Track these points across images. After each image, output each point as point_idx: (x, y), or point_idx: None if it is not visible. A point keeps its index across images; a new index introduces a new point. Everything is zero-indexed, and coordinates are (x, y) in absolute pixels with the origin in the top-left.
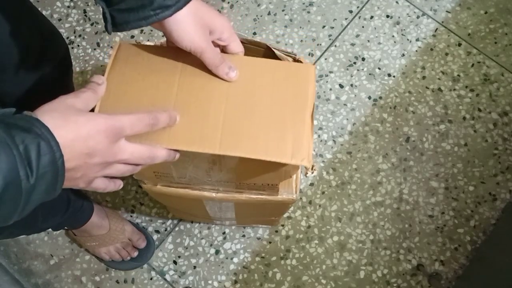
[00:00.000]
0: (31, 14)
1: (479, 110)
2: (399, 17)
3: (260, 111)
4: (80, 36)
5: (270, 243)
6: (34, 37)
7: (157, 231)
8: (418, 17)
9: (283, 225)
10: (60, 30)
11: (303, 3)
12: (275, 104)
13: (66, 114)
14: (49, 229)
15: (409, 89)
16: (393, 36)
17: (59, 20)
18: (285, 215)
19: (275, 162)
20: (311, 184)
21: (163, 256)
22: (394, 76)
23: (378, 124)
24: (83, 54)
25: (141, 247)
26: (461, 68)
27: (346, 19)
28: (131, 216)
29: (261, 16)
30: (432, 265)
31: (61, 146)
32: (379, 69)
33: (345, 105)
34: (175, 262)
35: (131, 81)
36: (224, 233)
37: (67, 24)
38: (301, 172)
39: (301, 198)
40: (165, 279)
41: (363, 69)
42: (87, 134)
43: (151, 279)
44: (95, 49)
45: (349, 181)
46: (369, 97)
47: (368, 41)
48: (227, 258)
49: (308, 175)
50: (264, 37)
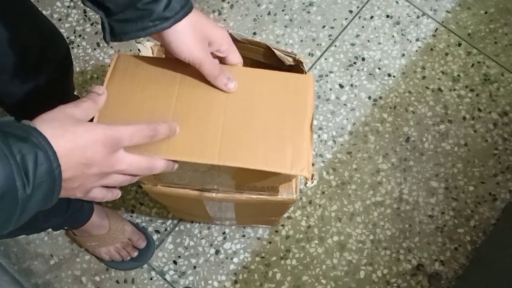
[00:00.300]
0: (31, 14)
1: (479, 110)
2: (399, 17)
3: (259, 122)
4: (80, 36)
5: (270, 243)
6: (34, 37)
7: (157, 231)
8: (418, 17)
9: (283, 225)
10: (60, 30)
11: (303, 3)
12: (274, 114)
13: (64, 124)
14: (49, 229)
15: (409, 89)
16: (393, 36)
17: (59, 20)
18: (285, 215)
19: (275, 172)
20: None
21: (163, 256)
22: (394, 76)
23: (378, 124)
24: (83, 54)
25: (141, 247)
26: (461, 68)
27: (346, 19)
28: (131, 216)
29: (261, 16)
30: (432, 265)
31: (59, 155)
32: (379, 69)
33: (345, 105)
34: (175, 262)
35: (129, 92)
36: (224, 233)
37: (67, 24)
38: (300, 180)
39: (301, 198)
40: (165, 279)
41: (363, 69)
42: (85, 144)
43: (151, 279)
44: (95, 49)
45: (349, 181)
46: (369, 97)
47: (368, 41)
48: (227, 258)
49: (308, 185)
50: (264, 37)
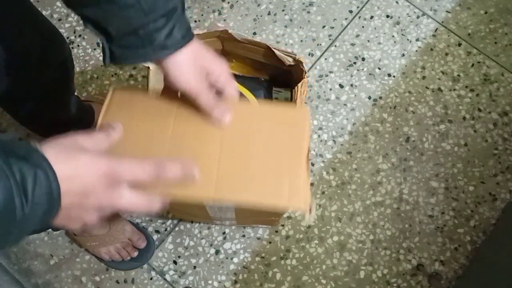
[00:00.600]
0: (31, 15)
1: (479, 110)
2: (399, 17)
3: (255, 157)
4: (80, 36)
5: (270, 243)
6: (35, 38)
7: (157, 231)
8: (418, 17)
9: (283, 225)
10: (60, 30)
11: (303, 3)
12: (270, 148)
13: (70, 151)
14: (49, 229)
15: (409, 89)
16: (393, 36)
17: (59, 20)
18: (285, 215)
19: (272, 206)
20: (311, 184)
21: (163, 256)
22: (394, 76)
23: (378, 124)
24: (83, 54)
25: (141, 247)
26: (461, 68)
27: (346, 19)
28: (131, 216)
29: (261, 16)
30: (432, 265)
31: (59, 179)
32: (379, 69)
33: (345, 105)
34: (175, 262)
35: (124, 127)
36: (224, 233)
37: (67, 24)
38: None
39: None
40: (165, 279)
41: (363, 69)
42: (85, 173)
43: (151, 279)
44: (95, 49)
45: (349, 181)
46: (369, 97)
47: (368, 41)
48: (227, 258)
49: (307, 218)
50: (264, 37)
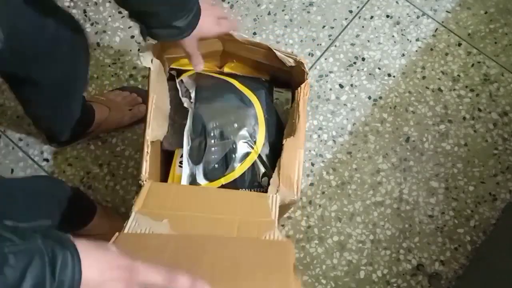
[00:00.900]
0: (56, 6)
1: (479, 110)
2: (399, 17)
3: (247, 278)
4: None
5: None
6: (62, 27)
7: None
8: (418, 17)
9: (283, 225)
10: None
11: (303, 3)
12: (261, 271)
13: (99, 244)
14: None
15: (409, 89)
16: (393, 36)
17: None
18: (285, 215)
19: None
20: (311, 184)
21: None
22: (394, 76)
23: (378, 124)
24: None
25: None
26: (461, 68)
27: (346, 19)
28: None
29: (261, 16)
30: (432, 265)
31: (83, 265)
32: (379, 69)
33: (345, 105)
34: None
35: (134, 253)
36: None
37: None
38: (302, 173)
39: (301, 198)
40: None
41: (363, 69)
42: (107, 266)
43: None
44: (95, 49)
45: (349, 181)
46: (369, 97)
47: (368, 41)
48: None
49: None
50: (264, 37)
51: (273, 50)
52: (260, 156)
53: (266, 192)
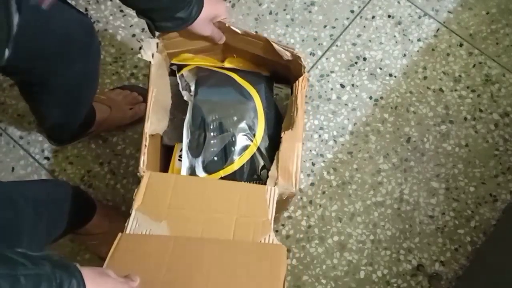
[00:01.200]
0: (70, 7)
1: (480, 110)
2: (400, 17)
3: (241, 282)
4: None
5: None
6: (77, 29)
7: None
8: (419, 17)
9: (283, 225)
10: None
11: (305, 3)
12: (253, 276)
13: (101, 273)
14: None
15: (410, 89)
16: (394, 36)
17: None
18: (285, 214)
19: None
20: (312, 184)
21: None
22: (395, 76)
23: (379, 124)
24: None
25: None
26: (463, 68)
27: (347, 18)
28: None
29: (262, 15)
30: (432, 265)
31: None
32: (380, 69)
33: (346, 105)
34: None
35: (131, 264)
36: None
37: None
38: (301, 170)
39: (301, 198)
40: None
41: (364, 69)
42: None
43: None
44: None
45: (349, 181)
46: (370, 97)
47: (370, 41)
48: None
49: None
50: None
51: (271, 42)
52: (259, 149)
53: (265, 185)
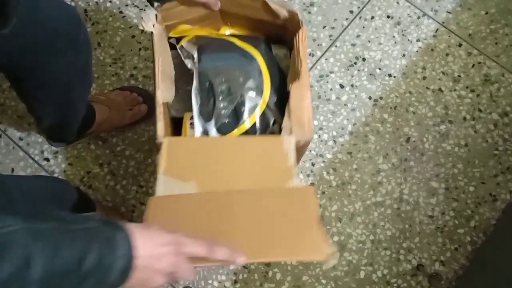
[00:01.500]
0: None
1: (480, 110)
2: (399, 18)
3: (276, 225)
4: None
5: None
6: (64, 20)
7: None
8: (418, 17)
9: None
10: None
11: (304, 3)
12: (287, 218)
13: (148, 225)
14: None
15: (409, 90)
16: (393, 37)
17: None
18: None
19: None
20: (312, 184)
21: None
22: (394, 77)
23: (378, 125)
24: None
25: None
26: (462, 68)
27: (346, 19)
28: (131, 216)
29: None
30: (432, 265)
31: (137, 243)
32: (379, 69)
33: (345, 105)
34: None
35: (168, 223)
36: None
37: None
38: (312, 116)
39: None
40: None
41: (363, 70)
42: (158, 241)
43: None
44: (95, 48)
45: (349, 181)
46: (370, 98)
47: (369, 41)
48: None
49: (325, 265)
50: None
51: (267, 1)
52: (268, 106)
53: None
